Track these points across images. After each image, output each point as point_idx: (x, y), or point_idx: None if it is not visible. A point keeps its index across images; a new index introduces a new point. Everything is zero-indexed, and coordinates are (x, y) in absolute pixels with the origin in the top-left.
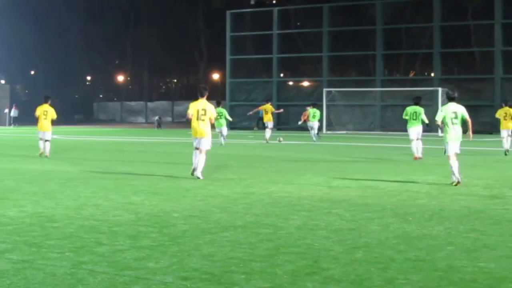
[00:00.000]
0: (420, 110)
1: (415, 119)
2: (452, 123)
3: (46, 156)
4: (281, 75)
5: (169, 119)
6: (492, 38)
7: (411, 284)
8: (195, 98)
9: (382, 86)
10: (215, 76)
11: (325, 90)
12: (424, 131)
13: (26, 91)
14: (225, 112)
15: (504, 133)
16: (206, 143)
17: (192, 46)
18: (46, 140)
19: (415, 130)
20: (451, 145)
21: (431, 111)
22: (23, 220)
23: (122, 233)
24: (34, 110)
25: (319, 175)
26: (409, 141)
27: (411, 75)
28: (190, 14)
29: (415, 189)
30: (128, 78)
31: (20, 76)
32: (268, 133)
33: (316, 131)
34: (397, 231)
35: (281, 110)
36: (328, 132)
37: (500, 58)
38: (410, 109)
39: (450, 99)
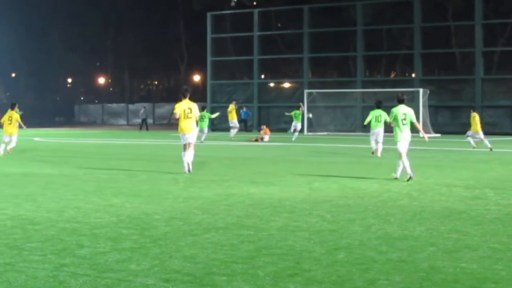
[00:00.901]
0: (383, 113)
1: (379, 122)
2: (403, 124)
3: (7, 153)
4: (262, 76)
5: (150, 121)
6: (473, 39)
7: (392, 285)
8: (176, 100)
9: (363, 87)
10: (196, 78)
11: (306, 91)
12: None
13: (7, 94)
14: (208, 114)
15: (470, 133)
16: (193, 137)
17: (173, 48)
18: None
19: (376, 132)
20: (401, 144)
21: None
22: (4, 223)
23: (103, 236)
24: None
25: (300, 176)
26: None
27: (392, 76)
28: (170, 16)
29: (396, 190)
30: (109, 81)
31: (1, 79)
32: (233, 132)
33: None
34: (378, 232)
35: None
36: (309, 133)
37: (481, 59)
38: (374, 112)
39: (400, 101)
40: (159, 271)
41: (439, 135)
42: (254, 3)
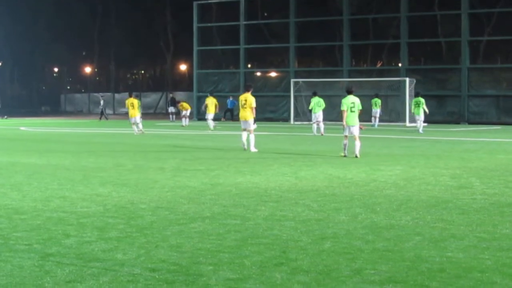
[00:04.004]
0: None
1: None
2: (351, 111)
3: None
4: (249, 66)
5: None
6: (459, 28)
7: (379, 274)
8: (162, 89)
9: (349, 77)
10: (182, 67)
11: (292, 80)
12: None
13: None
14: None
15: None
16: (249, 124)
17: (159, 37)
18: None
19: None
20: (348, 128)
21: (398, 101)
22: None
23: (89, 225)
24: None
25: (286, 166)
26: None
27: (378, 65)
28: (157, 5)
29: (382, 179)
30: (96, 70)
31: None
32: (211, 124)
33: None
34: (364, 222)
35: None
36: (296, 122)
37: (467, 48)
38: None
39: (348, 92)
40: (146, 261)
41: (425, 124)
42: None
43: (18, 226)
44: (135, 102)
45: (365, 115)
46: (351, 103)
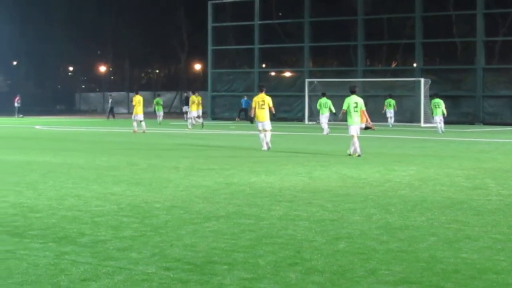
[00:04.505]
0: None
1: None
2: (354, 111)
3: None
4: (263, 65)
5: (151, 109)
6: (474, 28)
7: (393, 274)
8: (176, 88)
9: (364, 77)
10: (197, 66)
11: (307, 80)
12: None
13: (8, 82)
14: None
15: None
16: (268, 125)
17: (173, 37)
18: None
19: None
20: (353, 128)
21: (413, 102)
22: (6, 211)
23: (104, 224)
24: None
25: (300, 166)
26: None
27: (393, 65)
28: (171, 4)
29: (397, 180)
30: (110, 69)
31: (2, 67)
32: (189, 122)
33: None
34: (379, 222)
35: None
36: (310, 122)
37: (482, 48)
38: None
39: (352, 92)
40: (160, 260)
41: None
42: None
43: (33, 224)
44: (142, 100)
45: (378, 115)
46: (354, 103)
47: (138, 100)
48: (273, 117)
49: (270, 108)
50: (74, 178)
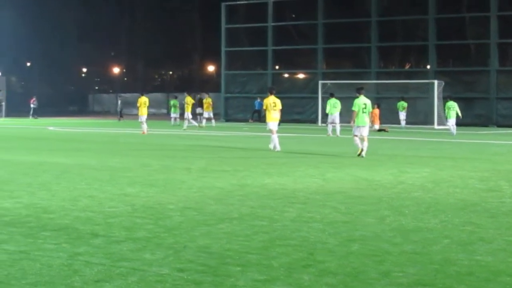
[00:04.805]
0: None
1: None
2: (362, 112)
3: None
4: (276, 67)
5: (164, 111)
6: (488, 30)
7: (407, 277)
8: (189, 90)
9: (377, 79)
10: (210, 68)
11: (320, 82)
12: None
13: (22, 83)
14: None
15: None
16: (275, 126)
17: (187, 38)
18: None
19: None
20: (359, 129)
21: (426, 104)
22: (19, 211)
23: (117, 225)
24: (28, 102)
25: (313, 168)
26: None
27: (406, 67)
28: (184, 6)
29: (410, 182)
30: (124, 70)
31: (16, 68)
32: (185, 123)
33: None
34: (392, 224)
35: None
36: (323, 124)
37: (496, 50)
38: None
39: (359, 93)
40: (174, 261)
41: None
42: None
43: (46, 225)
44: (148, 101)
45: (391, 117)
46: (363, 104)
47: (143, 101)
48: (283, 119)
49: (279, 111)
50: (87, 179)
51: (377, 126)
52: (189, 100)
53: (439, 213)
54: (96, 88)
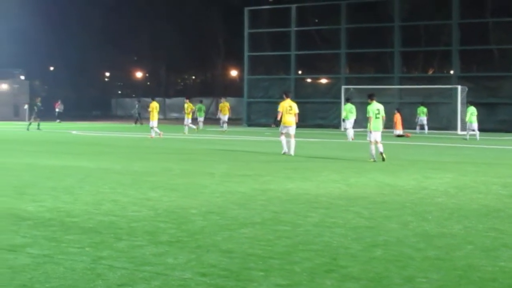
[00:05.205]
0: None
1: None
2: (376, 117)
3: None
4: (299, 72)
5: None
6: (511, 35)
7: (430, 282)
8: (212, 94)
9: (400, 84)
10: (233, 72)
11: (343, 87)
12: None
13: (45, 87)
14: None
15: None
16: (293, 130)
17: (210, 43)
18: None
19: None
20: (373, 134)
21: (449, 109)
22: (43, 215)
23: (140, 229)
24: (52, 106)
25: (336, 173)
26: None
27: (430, 72)
28: (207, 10)
29: (433, 187)
30: (147, 75)
31: (40, 72)
32: (186, 129)
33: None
34: (415, 229)
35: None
36: (345, 129)
37: None
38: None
39: (371, 99)
40: (196, 265)
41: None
42: None
43: (70, 229)
44: (158, 106)
45: (413, 123)
46: (377, 110)
47: (154, 106)
48: (303, 123)
49: (295, 115)
50: (111, 183)
51: (399, 131)
52: (188, 107)
53: (462, 219)
54: (119, 92)
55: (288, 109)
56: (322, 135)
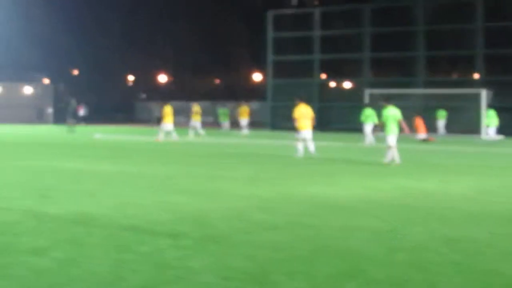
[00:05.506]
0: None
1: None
2: (392, 122)
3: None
4: (323, 76)
5: (211, 119)
6: None
7: (453, 287)
8: (236, 98)
9: (425, 87)
10: (256, 76)
11: (367, 91)
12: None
13: (70, 90)
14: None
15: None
16: (311, 134)
17: (234, 47)
18: None
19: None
20: (391, 138)
21: (474, 113)
22: (65, 218)
23: (162, 233)
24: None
25: (358, 176)
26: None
27: (454, 76)
28: (231, 14)
29: (455, 191)
30: (170, 78)
31: (63, 76)
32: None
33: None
34: (438, 234)
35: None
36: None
37: None
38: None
39: (387, 103)
40: (218, 269)
41: (502, 137)
42: (315, 2)
43: (92, 232)
44: (172, 110)
45: (434, 127)
46: (392, 114)
47: (168, 110)
48: (324, 128)
49: (312, 119)
50: (133, 186)
51: (423, 135)
52: (197, 109)
53: (485, 223)
54: (143, 95)
55: (305, 114)
56: (345, 139)
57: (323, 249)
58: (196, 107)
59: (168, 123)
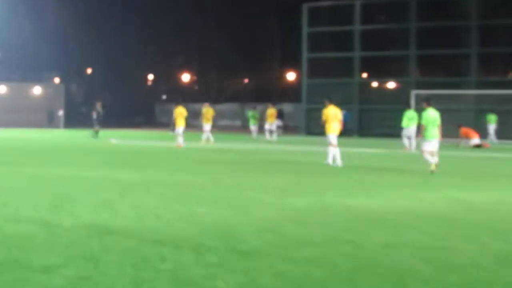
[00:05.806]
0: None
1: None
2: (432, 126)
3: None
4: (364, 75)
5: (239, 123)
6: None
7: None
8: (267, 100)
9: (477, 88)
10: (290, 76)
11: (413, 92)
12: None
13: (83, 90)
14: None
15: None
16: (336, 138)
17: (264, 44)
18: None
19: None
20: (430, 143)
21: None
22: (79, 232)
23: (186, 248)
24: (90, 111)
25: (402, 187)
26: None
27: (510, 76)
28: (261, 9)
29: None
30: (194, 78)
31: (76, 75)
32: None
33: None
34: (494, 252)
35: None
36: (418, 139)
37: None
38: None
39: (428, 104)
40: None
41: None
42: None
43: (109, 247)
44: (184, 112)
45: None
46: (432, 117)
47: (180, 112)
48: (368, 132)
49: (340, 122)
50: (154, 196)
51: (476, 140)
52: (210, 111)
53: None
54: (164, 97)
55: (334, 116)
56: (389, 145)
57: (365, 267)
58: (207, 109)
59: (179, 126)
